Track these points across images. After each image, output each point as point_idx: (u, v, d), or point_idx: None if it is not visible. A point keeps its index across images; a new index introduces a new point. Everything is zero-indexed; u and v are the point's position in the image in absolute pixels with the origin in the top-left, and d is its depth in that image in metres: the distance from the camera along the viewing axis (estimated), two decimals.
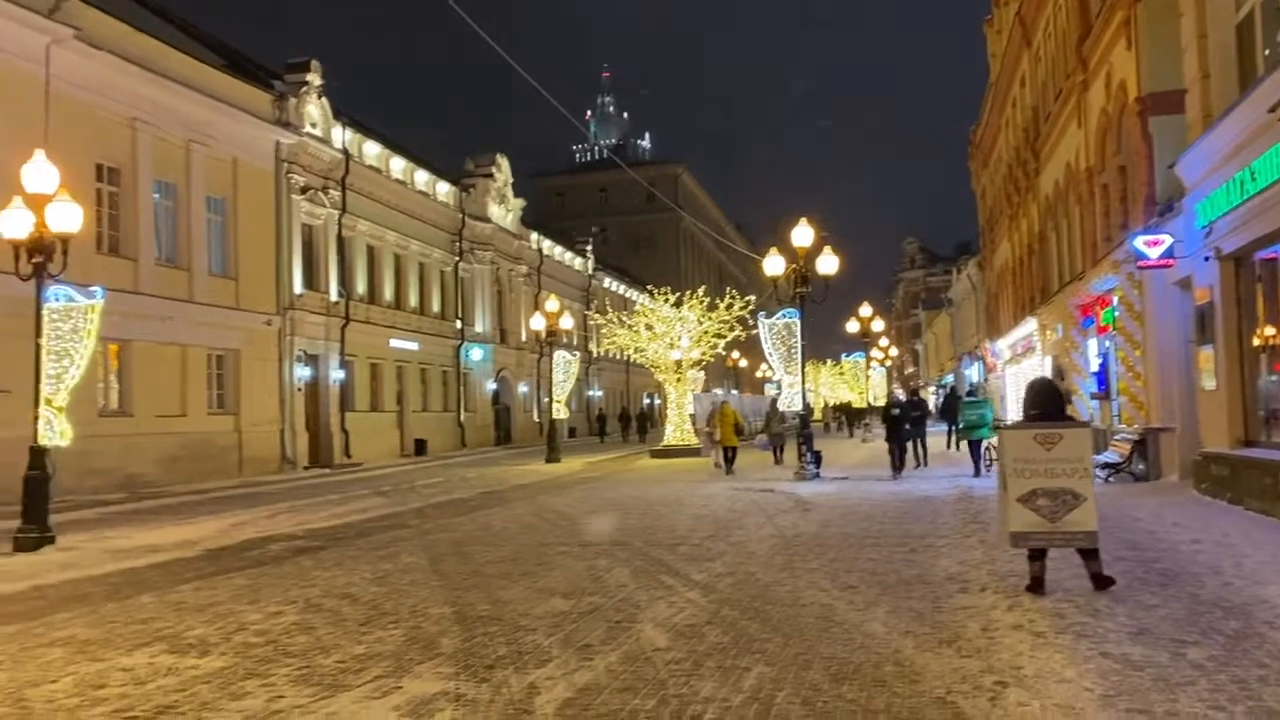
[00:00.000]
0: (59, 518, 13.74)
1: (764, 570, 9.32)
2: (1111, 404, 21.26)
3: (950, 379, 65.15)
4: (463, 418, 43.06)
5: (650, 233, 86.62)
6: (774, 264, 21.00)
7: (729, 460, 23.46)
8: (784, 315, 21.84)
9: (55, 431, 13.35)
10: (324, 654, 6.50)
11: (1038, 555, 7.70)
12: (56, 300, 13.50)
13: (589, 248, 63.99)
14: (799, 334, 21.53)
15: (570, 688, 5.52)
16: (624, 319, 33.82)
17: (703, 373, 35.97)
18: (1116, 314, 18.56)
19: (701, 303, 32.22)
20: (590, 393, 59.47)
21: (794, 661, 5.95)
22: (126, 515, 17.29)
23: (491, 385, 45.97)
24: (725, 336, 31.52)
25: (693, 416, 32.92)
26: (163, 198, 25.69)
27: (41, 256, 12.69)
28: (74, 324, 13.59)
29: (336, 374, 32.72)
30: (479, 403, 44.82)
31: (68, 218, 12.75)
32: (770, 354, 22.40)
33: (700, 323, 31.88)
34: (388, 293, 37.86)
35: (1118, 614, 6.86)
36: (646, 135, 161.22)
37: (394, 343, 37.44)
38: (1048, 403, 7.98)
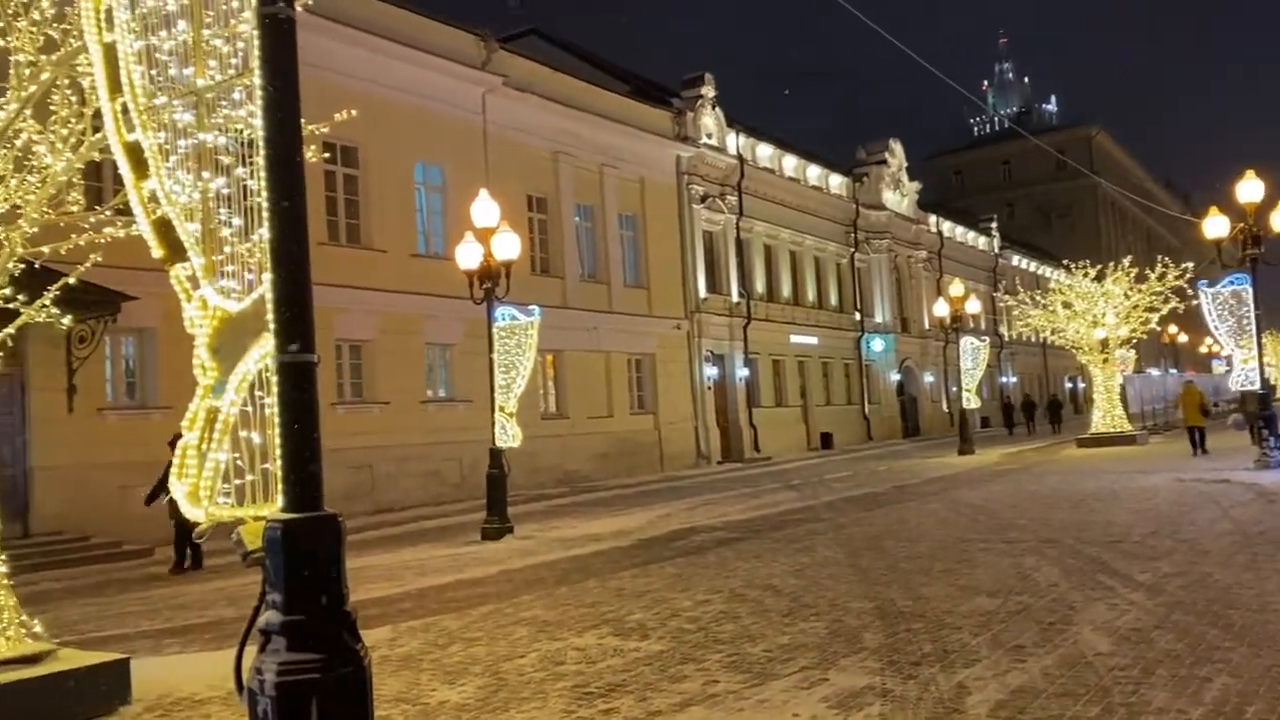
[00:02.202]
0: (514, 510, 15.56)
1: (1222, 571, 8.30)
2: None
3: None
4: (867, 410, 42.70)
5: (1063, 203, 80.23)
6: (1216, 225, 18.62)
7: (1198, 442, 22.71)
8: (1231, 282, 19.27)
9: (508, 434, 15.17)
10: (751, 642, 6.78)
11: None
12: (503, 319, 15.36)
13: (994, 225, 60.70)
14: (1251, 302, 18.85)
15: (1002, 689, 5.30)
16: (1037, 298, 31.68)
17: (1133, 351, 32.68)
18: None
19: (1128, 274, 29.30)
20: (1003, 379, 56.32)
21: (1265, 674, 5.26)
22: (568, 508, 19.21)
23: (895, 376, 45.10)
24: (1159, 310, 28.41)
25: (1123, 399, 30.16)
26: (582, 220, 28.24)
27: (490, 282, 14.52)
28: (518, 339, 15.38)
29: (741, 371, 33.92)
30: (883, 394, 44.18)
31: (509, 246, 14.46)
32: (1216, 327, 19.82)
33: (1127, 296, 29.01)
34: (785, 290, 38.57)
35: None
36: (1052, 98, 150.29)
37: (794, 338, 38.04)
38: None
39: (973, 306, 32.50)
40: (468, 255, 14.53)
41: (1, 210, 6.05)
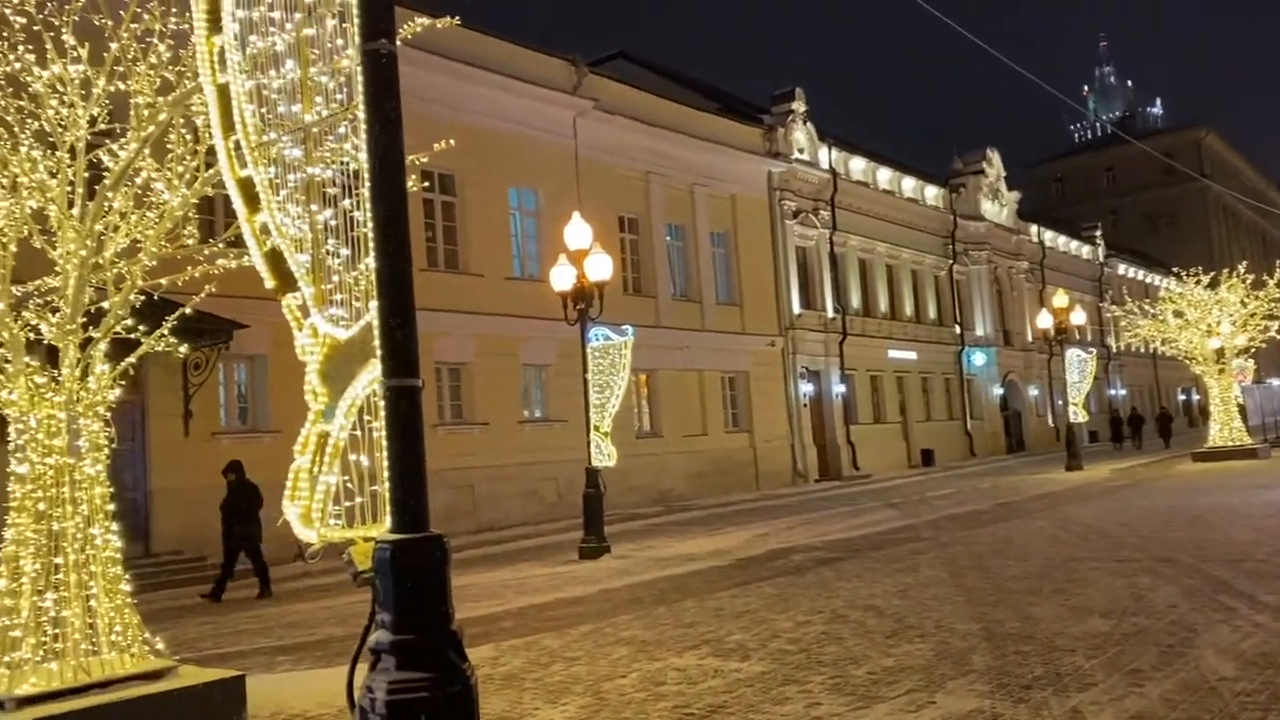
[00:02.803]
0: (610, 529, 15.62)
1: None
2: None
3: None
4: (969, 425, 41.66)
5: (1171, 209, 77.18)
6: None
7: None
8: None
9: (604, 454, 15.27)
10: (854, 664, 6.66)
11: None
12: (596, 340, 15.49)
13: (1098, 233, 58.77)
14: None
15: (1120, 714, 5.10)
16: (1146, 307, 30.57)
17: (1251, 361, 31.23)
18: None
19: (1243, 281, 28.06)
20: (1111, 392, 54.35)
21: None
22: (663, 527, 19.19)
23: (998, 390, 43.92)
24: (1279, 318, 27.10)
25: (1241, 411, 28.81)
26: (673, 239, 28.33)
27: (583, 303, 14.67)
28: (611, 359, 15.50)
29: (838, 388, 33.47)
30: (986, 409, 43.06)
31: (601, 267, 14.59)
32: None
33: (1243, 304, 27.76)
34: (882, 304, 37.98)
35: None
36: (1157, 101, 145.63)
37: (892, 353, 37.40)
38: None
39: (1078, 318, 31.52)
40: (561, 277, 14.72)
41: (123, 245, 6.36)
